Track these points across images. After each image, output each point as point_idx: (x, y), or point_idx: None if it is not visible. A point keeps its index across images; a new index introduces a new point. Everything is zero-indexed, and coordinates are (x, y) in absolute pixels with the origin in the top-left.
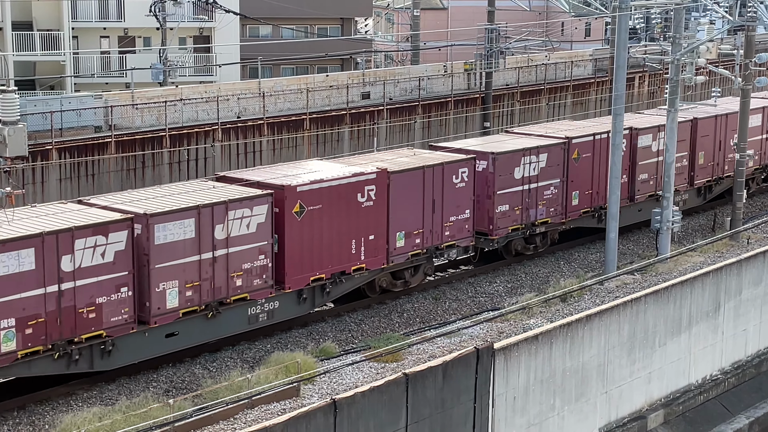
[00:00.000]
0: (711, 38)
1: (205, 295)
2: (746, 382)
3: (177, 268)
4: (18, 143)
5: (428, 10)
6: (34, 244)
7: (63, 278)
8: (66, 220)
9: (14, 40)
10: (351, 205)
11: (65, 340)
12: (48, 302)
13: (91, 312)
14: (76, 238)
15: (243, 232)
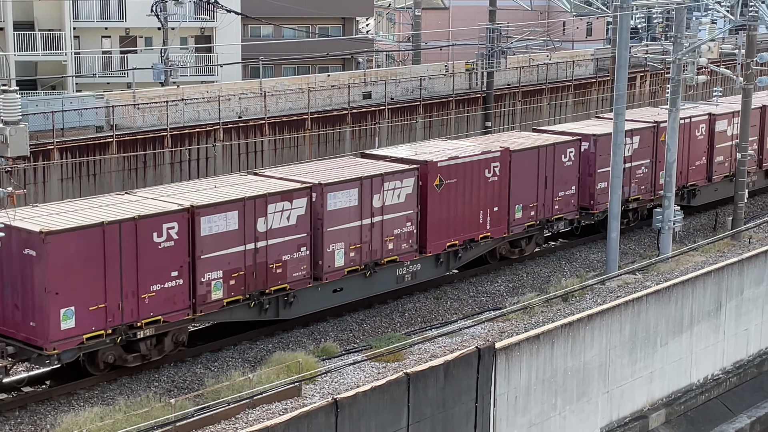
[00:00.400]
0: (712, 38)
1: (365, 256)
2: (748, 381)
3: (343, 231)
4: (20, 143)
5: (429, 10)
6: (237, 208)
7: (258, 237)
8: (259, 189)
9: (16, 40)
10: (480, 180)
11: (258, 291)
12: (247, 258)
13: (278, 267)
14: (269, 203)
15: (395, 201)
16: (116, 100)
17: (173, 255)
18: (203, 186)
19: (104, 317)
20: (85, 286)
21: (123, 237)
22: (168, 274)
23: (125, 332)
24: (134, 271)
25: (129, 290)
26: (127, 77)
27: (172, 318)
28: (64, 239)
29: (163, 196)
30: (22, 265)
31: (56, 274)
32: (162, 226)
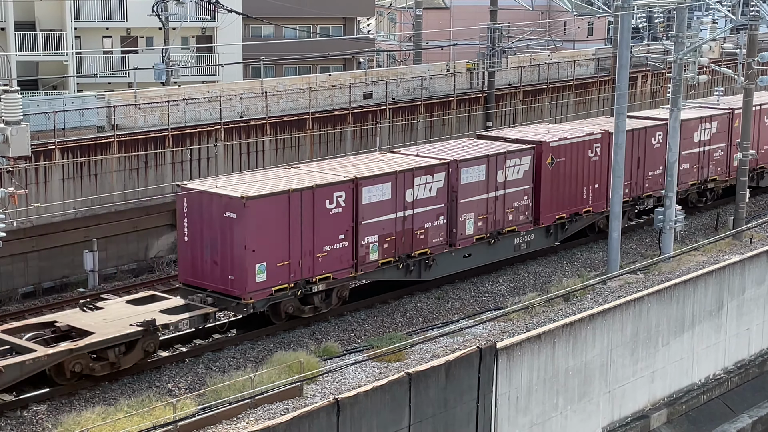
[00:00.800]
0: (714, 37)
1: (489, 226)
2: (749, 381)
3: (473, 203)
4: (21, 143)
5: (431, 10)
6: (390, 180)
7: (406, 207)
8: (405, 164)
9: (17, 40)
10: (584, 159)
11: (405, 255)
12: (397, 224)
13: (421, 234)
14: (416, 176)
15: (514, 177)
16: (117, 100)
17: (341, 220)
18: (357, 161)
19: (288, 273)
20: (274, 245)
21: (303, 203)
22: (337, 236)
23: (303, 287)
24: (311, 233)
25: (307, 250)
26: (128, 77)
27: (339, 275)
28: (260, 204)
29: (326, 170)
30: (223, 226)
31: (253, 234)
32: (333, 194)
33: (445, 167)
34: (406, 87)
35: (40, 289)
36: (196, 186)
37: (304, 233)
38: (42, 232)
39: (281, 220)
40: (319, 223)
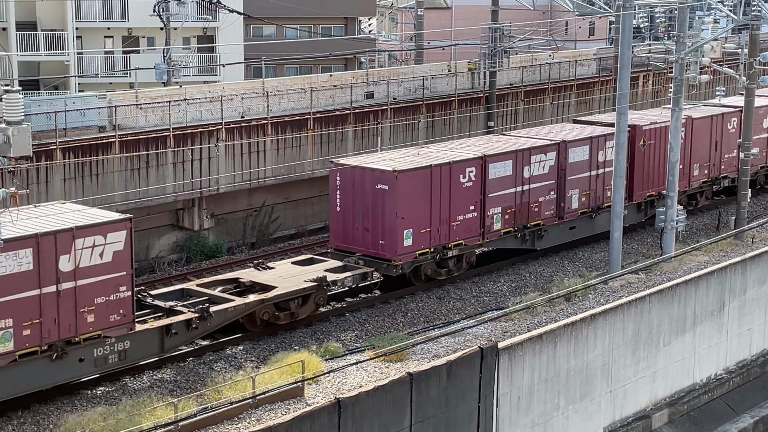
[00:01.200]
0: (715, 37)
1: (591, 201)
2: (751, 381)
3: (578, 180)
4: (22, 143)
5: (432, 10)
6: (512, 157)
7: (524, 182)
8: (521, 144)
9: (18, 40)
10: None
11: (522, 225)
12: (516, 198)
13: (536, 207)
14: (532, 154)
15: (611, 157)
16: (119, 100)
17: (472, 193)
18: (478, 142)
19: (429, 238)
20: (419, 213)
21: (442, 177)
22: (468, 207)
23: (440, 251)
24: (448, 204)
25: (444, 218)
26: (129, 77)
27: (469, 242)
28: (408, 177)
29: (453, 149)
30: (375, 197)
31: (402, 203)
32: (465, 169)
33: (555, 147)
34: (408, 87)
35: None
36: (349, 162)
37: (442, 204)
38: None
39: (425, 191)
40: (454, 195)
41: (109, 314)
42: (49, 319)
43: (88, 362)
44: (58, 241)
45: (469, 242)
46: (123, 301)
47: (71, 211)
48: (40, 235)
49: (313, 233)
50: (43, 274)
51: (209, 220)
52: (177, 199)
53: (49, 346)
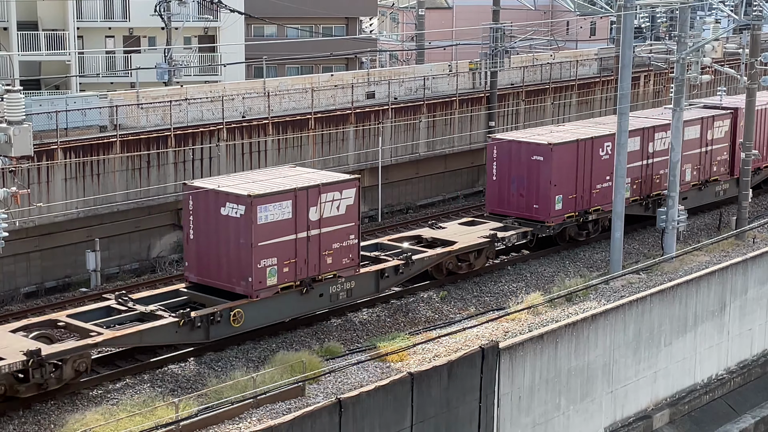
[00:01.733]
0: (716, 37)
1: (701, 175)
2: (752, 381)
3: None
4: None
5: (433, 10)
6: (639, 134)
7: (648, 156)
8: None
9: (19, 39)
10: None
11: (646, 195)
12: (642, 170)
13: (657, 179)
14: (656, 132)
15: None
16: (120, 100)
17: (608, 165)
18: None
19: (574, 204)
20: (567, 182)
21: (586, 150)
22: (604, 178)
23: (582, 215)
24: (589, 174)
25: (586, 186)
26: (130, 77)
27: (605, 209)
28: (560, 149)
29: (585, 127)
30: (530, 167)
31: (555, 172)
32: (604, 144)
33: (640, 134)
34: (409, 87)
35: (43, 288)
36: (505, 137)
37: (585, 173)
38: (44, 231)
39: (572, 162)
40: (594, 167)
41: (342, 258)
42: (301, 259)
43: (326, 297)
44: (309, 195)
45: (605, 208)
46: (352, 247)
47: (305, 173)
48: (297, 189)
49: None
50: (298, 222)
51: None
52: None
53: (300, 282)
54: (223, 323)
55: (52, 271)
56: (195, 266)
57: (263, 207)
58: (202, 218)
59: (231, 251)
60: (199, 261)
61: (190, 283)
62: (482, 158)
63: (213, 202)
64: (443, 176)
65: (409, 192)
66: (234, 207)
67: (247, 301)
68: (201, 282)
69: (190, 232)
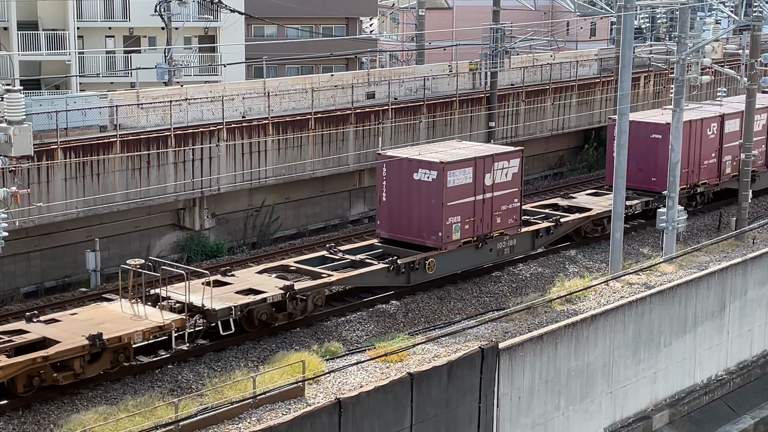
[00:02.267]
0: (716, 38)
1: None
2: (751, 382)
3: None
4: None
5: (433, 10)
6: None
7: None
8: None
9: (20, 39)
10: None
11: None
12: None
13: None
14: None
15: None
16: (120, 100)
17: (713, 144)
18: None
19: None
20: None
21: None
22: (710, 155)
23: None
24: (699, 150)
25: (696, 162)
26: (130, 77)
27: (710, 182)
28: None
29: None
30: (649, 144)
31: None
32: (711, 125)
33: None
34: (409, 87)
35: (42, 288)
36: (634, 117)
37: (694, 150)
38: (44, 231)
39: (687, 140)
40: (703, 144)
41: (507, 218)
42: (477, 218)
43: (494, 252)
44: (486, 163)
45: (710, 182)
46: (515, 209)
47: (473, 145)
48: (477, 158)
49: (314, 233)
50: (477, 186)
51: (210, 220)
52: (178, 198)
53: (476, 238)
54: (420, 270)
55: (51, 271)
56: (386, 224)
57: (452, 172)
58: (394, 182)
59: (422, 210)
60: (390, 219)
61: (382, 239)
62: None
63: (406, 168)
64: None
65: None
66: (426, 172)
67: (437, 252)
68: (392, 237)
69: (382, 194)
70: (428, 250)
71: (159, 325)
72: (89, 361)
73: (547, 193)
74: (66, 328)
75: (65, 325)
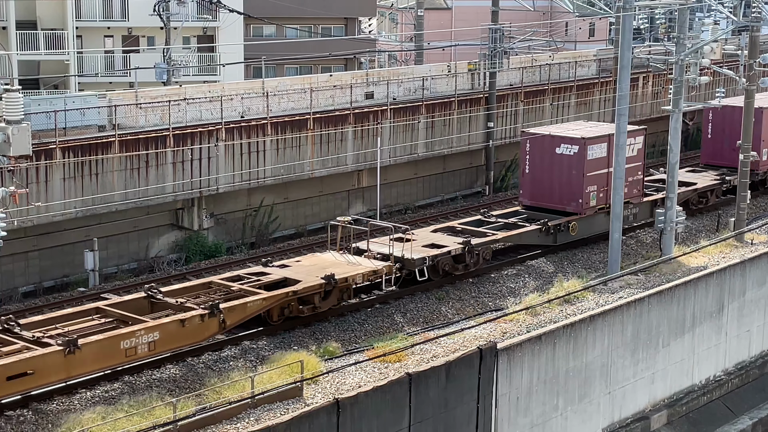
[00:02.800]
0: (715, 39)
1: None
2: (750, 383)
3: None
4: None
5: (432, 10)
6: None
7: None
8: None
9: (18, 39)
10: None
11: None
12: None
13: None
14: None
15: None
16: (118, 100)
17: None
18: None
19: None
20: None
21: None
22: None
23: None
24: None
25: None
26: (129, 77)
27: None
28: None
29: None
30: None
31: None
32: None
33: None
34: (408, 87)
35: (41, 288)
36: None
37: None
38: (43, 231)
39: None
40: None
41: (632, 189)
42: (609, 188)
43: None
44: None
45: None
46: (639, 181)
47: (600, 125)
48: (610, 135)
49: (312, 233)
50: (610, 159)
51: (209, 220)
52: (176, 198)
53: (608, 206)
54: (565, 232)
55: (50, 271)
56: (529, 193)
57: (591, 147)
58: (537, 156)
59: (563, 180)
60: (532, 188)
61: (524, 206)
62: (480, 159)
63: (549, 144)
64: (442, 177)
65: (408, 192)
66: (569, 147)
67: (578, 217)
68: (533, 204)
69: (525, 167)
70: (568, 215)
71: (374, 270)
72: (322, 298)
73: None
74: (299, 271)
75: (296, 269)
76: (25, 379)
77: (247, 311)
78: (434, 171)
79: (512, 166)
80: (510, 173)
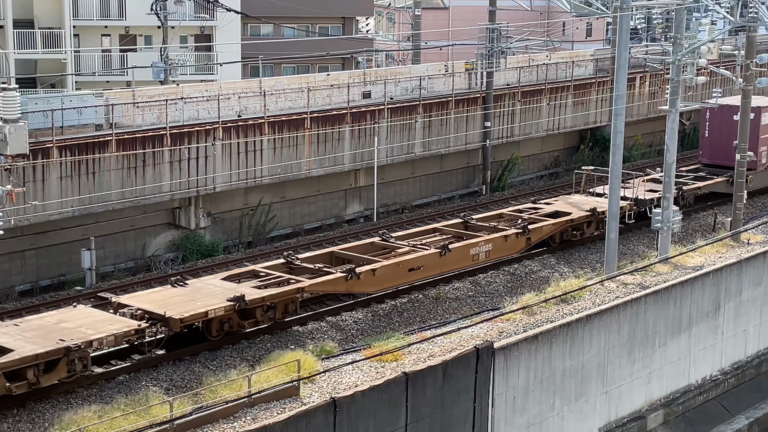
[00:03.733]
0: (712, 39)
1: None
2: (746, 382)
3: None
4: (19, 141)
5: (429, 10)
6: None
7: None
8: None
9: (15, 37)
10: None
11: None
12: None
13: None
14: None
15: None
16: (116, 99)
17: None
18: None
19: None
20: None
21: None
22: None
23: None
24: None
25: None
26: (126, 76)
27: None
28: None
29: None
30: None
31: None
32: None
33: None
34: (405, 87)
35: (38, 287)
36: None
37: None
38: (39, 230)
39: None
40: None
41: None
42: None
43: None
44: None
45: None
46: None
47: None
48: None
49: (309, 233)
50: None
51: (205, 219)
52: (173, 197)
53: None
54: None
55: (47, 270)
56: (708, 153)
57: (765, 114)
58: (716, 123)
59: None
60: (711, 150)
61: (703, 164)
62: (477, 158)
63: (727, 112)
64: (439, 176)
65: (405, 192)
66: None
67: (753, 172)
68: (711, 163)
69: (705, 132)
70: None
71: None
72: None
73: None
74: (562, 206)
75: (559, 205)
76: (417, 272)
77: (543, 232)
78: (431, 170)
79: (509, 166)
80: (507, 173)
